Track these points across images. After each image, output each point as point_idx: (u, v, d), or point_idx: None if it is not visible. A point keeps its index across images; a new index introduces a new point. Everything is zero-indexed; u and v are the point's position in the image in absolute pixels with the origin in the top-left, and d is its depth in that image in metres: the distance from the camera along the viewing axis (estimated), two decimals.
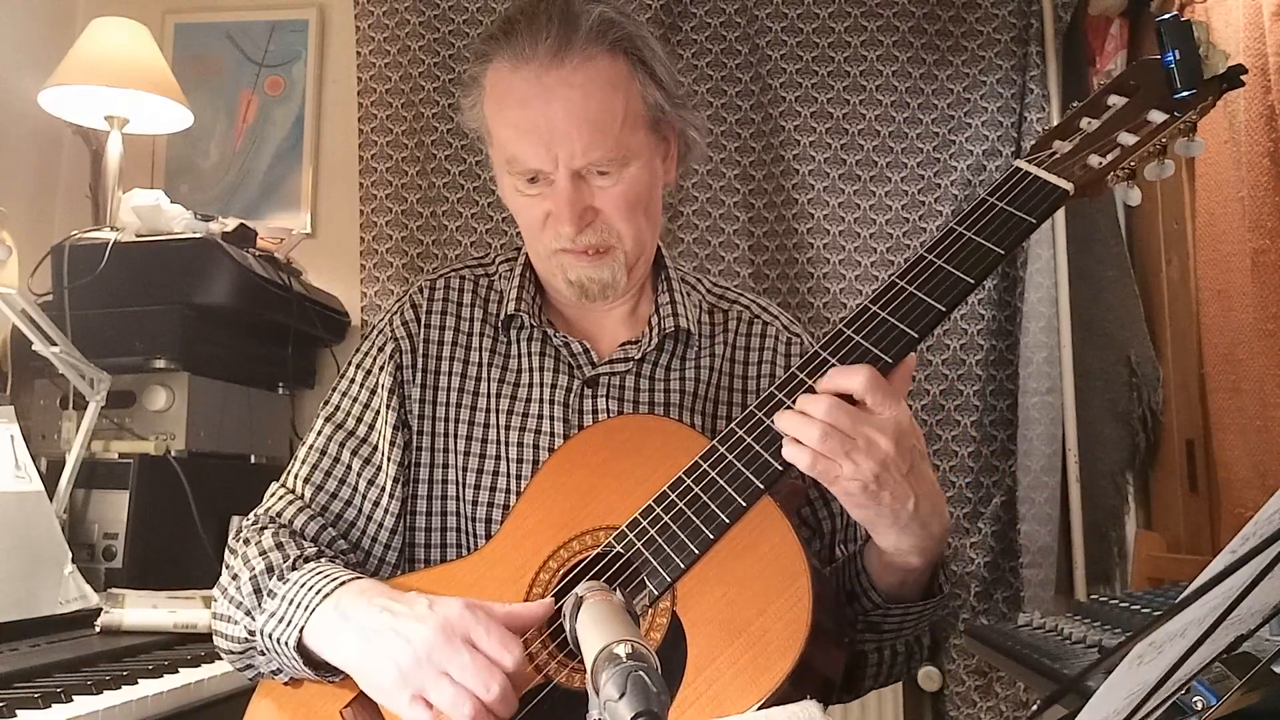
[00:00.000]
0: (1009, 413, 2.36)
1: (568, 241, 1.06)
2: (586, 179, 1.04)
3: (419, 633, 0.87)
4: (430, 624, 0.87)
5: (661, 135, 1.11)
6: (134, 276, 1.94)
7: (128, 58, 2.14)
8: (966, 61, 2.43)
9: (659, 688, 0.55)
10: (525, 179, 1.06)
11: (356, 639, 0.90)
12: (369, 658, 0.89)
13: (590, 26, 1.02)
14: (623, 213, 1.06)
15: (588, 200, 1.05)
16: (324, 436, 1.13)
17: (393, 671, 0.87)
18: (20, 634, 1.48)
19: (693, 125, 1.14)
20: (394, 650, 0.87)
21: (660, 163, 1.12)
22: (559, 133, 1.01)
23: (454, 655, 0.85)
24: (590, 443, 1.02)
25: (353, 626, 0.91)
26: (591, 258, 1.07)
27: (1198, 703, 0.65)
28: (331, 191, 2.62)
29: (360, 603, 0.92)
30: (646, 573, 0.90)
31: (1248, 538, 0.57)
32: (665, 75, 1.08)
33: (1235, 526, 0.75)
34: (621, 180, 1.05)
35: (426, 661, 0.86)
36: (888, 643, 1.03)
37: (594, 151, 1.02)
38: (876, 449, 0.85)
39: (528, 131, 1.03)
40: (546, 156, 1.03)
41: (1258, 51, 1.74)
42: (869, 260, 2.42)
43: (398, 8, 2.56)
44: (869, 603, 0.99)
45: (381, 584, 0.97)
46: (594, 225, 1.06)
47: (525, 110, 1.03)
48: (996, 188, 0.95)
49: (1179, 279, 2.19)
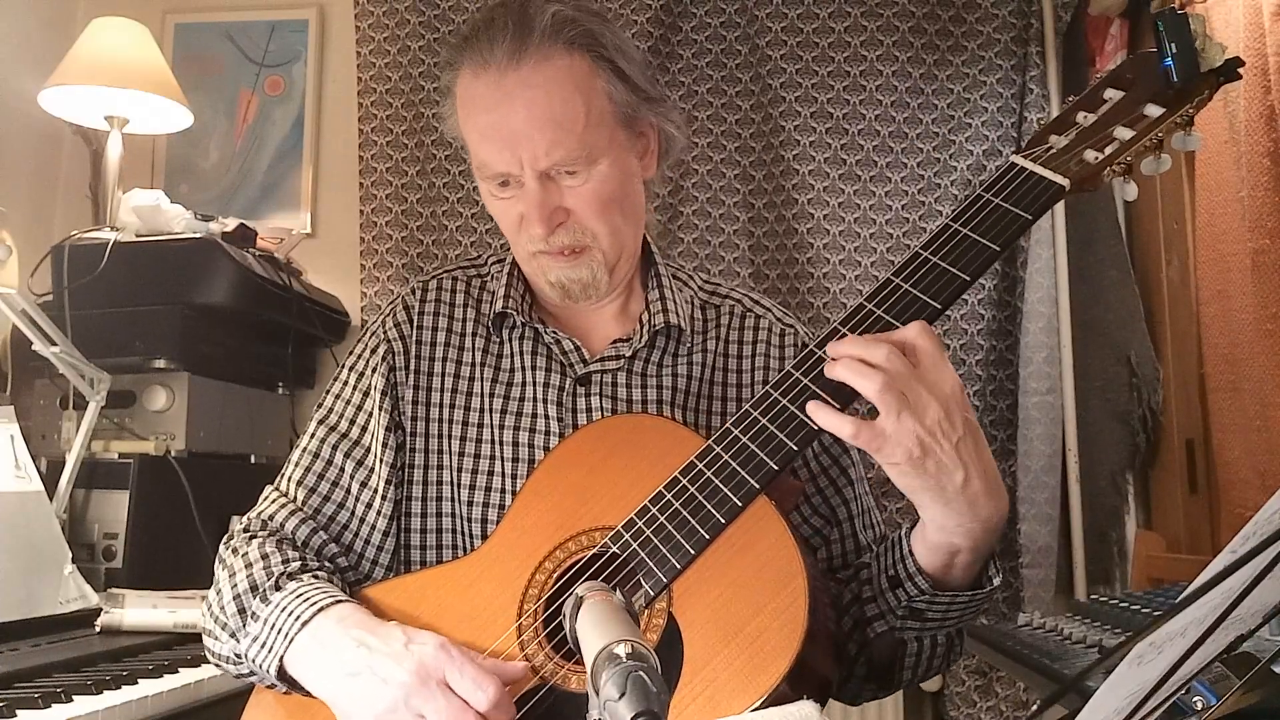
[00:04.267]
0: (1009, 413, 2.36)
1: (542, 243, 1.06)
2: (555, 180, 1.04)
3: (395, 674, 0.88)
4: (406, 666, 0.88)
5: (637, 131, 1.10)
6: (134, 276, 1.94)
7: (128, 58, 2.14)
8: (966, 61, 2.43)
9: (659, 688, 0.55)
10: (497, 183, 1.06)
11: (335, 676, 0.91)
12: (347, 697, 0.90)
13: (545, 26, 1.02)
14: (595, 212, 1.05)
15: (557, 201, 1.04)
16: (317, 439, 1.13)
17: (370, 714, 0.88)
18: (20, 634, 1.48)
19: (670, 119, 1.13)
20: (371, 692, 0.88)
21: (636, 159, 1.11)
22: (521, 135, 1.01)
23: (429, 699, 0.86)
24: (586, 442, 1.02)
25: (331, 662, 0.92)
26: (568, 258, 1.07)
27: (1198, 703, 0.65)
28: (331, 191, 2.62)
29: (338, 633, 0.93)
30: (642, 573, 0.90)
31: (1248, 538, 0.57)
32: (632, 70, 1.07)
33: (1235, 526, 0.75)
34: (591, 179, 1.04)
35: (403, 705, 0.87)
36: (929, 633, 0.99)
37: (557, 151, 1.02)
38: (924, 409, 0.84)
39: (492, 136, 1.03)
40: (512, 159, 1.03)
41: (1258, 51, 1.74)
42: (869, 260, 2.42)
43: (398, 8, 2.57)
44: (913, 589, 0.95)
45: (360, 610, 0.96)
46: (566, 225, 1.05)
47: (489, 115, 1.03)
48: (992, 183, 0.95)
49: (1179, 279, 2.19)
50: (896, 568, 0.96)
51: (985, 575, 0.95)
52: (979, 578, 0.95)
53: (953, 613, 0.96)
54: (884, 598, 0.98)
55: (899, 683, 1.05)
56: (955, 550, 0.91)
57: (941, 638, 1.01)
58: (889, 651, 1.01)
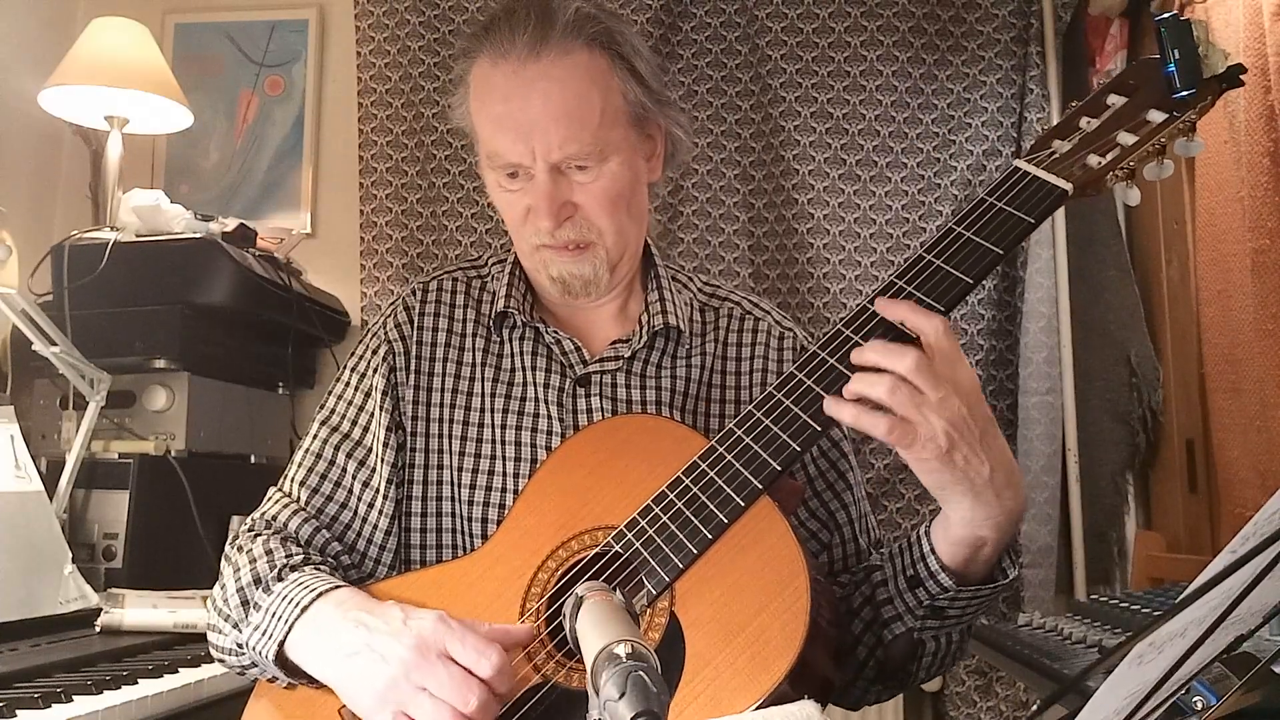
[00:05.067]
0: (1009, 413, 2.36)
1: (547, 236, 1.06)
2: (566, 174, 1.05)
3: (395, 650, 0.87)
4: (406, 641, 0.87)
5: (646, 133, 1.11)
6: (134, 276, 1.94)
7: (128, 58, 2.14)
8: (966, 61, 2.43)
9: (659, 688, 0.55)
10: (506, 174, 1.07)
11: (334, 657, 0.91)
12: (348, 678, 0.90)
13: (568, 21, 1.03)
14: (603, 208, 1.06)
15: (566, 195, 1.05)
16: (319, 440, 1.13)
17: (371, 692, 0.88)
18: (20, 634, 1.48)
19: (678, 124, 1.13)
20: (371, 670, 0.88)
21: (644, 161, 1.11)
22: (536, 126, 1.02)
23: (430, 671, 0.86)
24: (589, 442, 1.02)
25: (330, 643, 0.92)
26: (572, 253, 1.07)
27: (1198, 703, 0.65)
28: (331, 191, 2.62)
29: (336, 616, 0.93)
30: (645, 572, 0.90)
31: (1248, 538, 0.57)
32: (647, 72, 1.08)
33: (1235, 526, 0.75)
34: (601, 176, 1.05)
35: (404, 680, 0.86)
36: (946, 630, 1.00)
37: (571, 145, 1.02)
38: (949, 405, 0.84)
39: (506, 125, 1.03)
40: (524, 150, 1.03)
41: (1258, 51, 1.74)
42: (869, 260, 2.42)
43: (398, 8, 2.56)
44: (936, 587, 0.95)
45: (359, 593, 0.97)
46: (573, 220, 1.06)
47: (505, 105, 1.03)
48: (995, 187, 0.95)
49: (1179, 279, 2.19)
50: (916, 567, 0.97)
51: (1000, 567, 0.96)
52: (993, 571, 0.96)
53: (972, 607, 0.97)
54: (902, 598, 0.98)
55: (911, 683, 1.05)
56: (981, 543, 0.92)
57: (956, 635, 1.02)
58: (906, 652, 1.01)
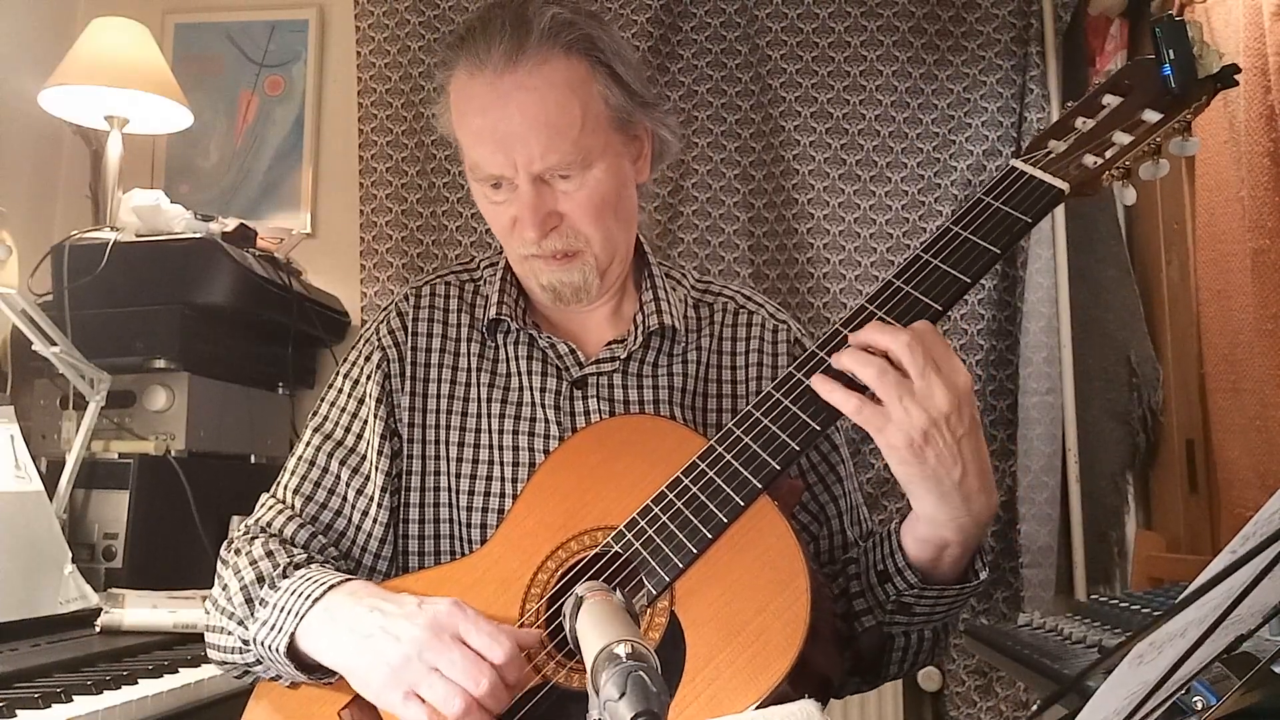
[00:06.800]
0: (1009, 413, 2.36)
1: (534, 247, 1.05)
2: (549, 183, 1.03)
3: (409, 631, 0.88)
4: (419, 622, 0.88)
5: (632, 134, 1.09)
6: (134, 276, 1.94)
7: (128, 58, 2.14)
8: (966, 61, 2.43)
9: (659, 687, 0.55)
10: (490, 185, 1.06)
11: (347, 640, 0.91)
12: (360, 658, 0.90)
13: (544, 29, 1.01)
14: (588, 216, 1.05)
15: (551, 205, 1.04)
16: (312, 447, 1.13)
17: (384, 670, 0.88)
18: (20, 634, 1.48)
19: (664, 124, 1.12)
20: (384, 650, 0.88)
21: (630, 163, 1.10)
22: (516, 137, 1.01)
23: (444, 651, 0.86)
24: (587, 443, 1.02)
25: (343, 628, 0.92)
26: (560, 262, 1.06)
27: (1198, 703, 0.65)
28: (331, 191, 2.62)
29: (349, 604, 0.93)
30: (645, 572, 0.90)
31: (1248, 538, 0.57)
32: (629, 75, 1.06)
33: (1235, 526, 0.75)
34: (585, 184, 1.03)
35: (417, 659, 0.86)
36: (916, 628, 1.00)
37: (552, 155, 1.01)
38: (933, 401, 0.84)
39: (486, 137, 1.02)
40: (506, 162, 1.02)
41: (1258, 51, 1.74)
42: (869, 260, 2.42)
43: (398, 8, 2.57)
44: (903, 583, 0.96)
45: (371, 585, 0.97)
46: (559, 230, 1.05)
47: (484, 117, 1.02)
48: (992, 187, 0.96)
49: (1179, 279, 2.19)
50: (885, 562, 0.97)
51: (972, 569, 0.97)
52: (966, 572, 0.96)
53: (940, 607, 0.97)
54: (872, 592, 0.99)
55: (885, 676, 1.06)
56: (945, 544, 0.92)
57: (928, 633, 1.02)
58: (876, 645, 1.02)
